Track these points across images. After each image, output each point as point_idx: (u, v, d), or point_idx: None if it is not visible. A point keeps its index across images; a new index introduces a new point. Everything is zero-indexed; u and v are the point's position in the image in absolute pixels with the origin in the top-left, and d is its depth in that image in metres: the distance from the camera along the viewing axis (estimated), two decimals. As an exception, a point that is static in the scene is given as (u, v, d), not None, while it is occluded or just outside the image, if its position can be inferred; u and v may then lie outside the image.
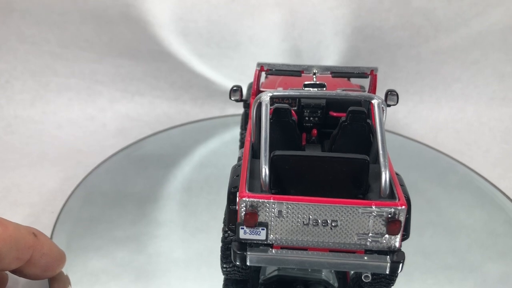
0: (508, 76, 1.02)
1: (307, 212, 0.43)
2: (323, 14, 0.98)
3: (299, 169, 0.44)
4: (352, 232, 0.44)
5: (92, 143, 0.92)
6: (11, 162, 0.85)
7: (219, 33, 1.00)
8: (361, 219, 0.43)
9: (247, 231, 0.44)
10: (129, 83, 1.04)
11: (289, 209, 0.43)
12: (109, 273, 0.57)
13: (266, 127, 0.45)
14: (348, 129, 0.52)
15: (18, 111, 0.98)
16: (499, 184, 0.74)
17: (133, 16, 0.96)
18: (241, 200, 0.42)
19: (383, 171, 0.44)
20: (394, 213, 0.42)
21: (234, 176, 0.47)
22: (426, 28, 0.99)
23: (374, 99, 0.48)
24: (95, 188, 0.73)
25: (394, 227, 0.43)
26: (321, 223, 0.43)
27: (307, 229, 0.44)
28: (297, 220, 0.43)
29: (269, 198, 0.42)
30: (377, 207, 0.42)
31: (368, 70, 0.58)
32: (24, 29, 0.97)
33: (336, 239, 0.44)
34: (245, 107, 0.66)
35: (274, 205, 0.43)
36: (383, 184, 0.44)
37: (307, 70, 0.57)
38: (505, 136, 0.96)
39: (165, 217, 0.67)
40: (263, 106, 0.46)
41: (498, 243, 0.63)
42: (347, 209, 0.43)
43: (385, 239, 0.44)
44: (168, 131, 0.92)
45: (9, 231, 0.43)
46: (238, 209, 0.43)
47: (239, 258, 0.44)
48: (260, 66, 0.56)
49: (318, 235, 0.44)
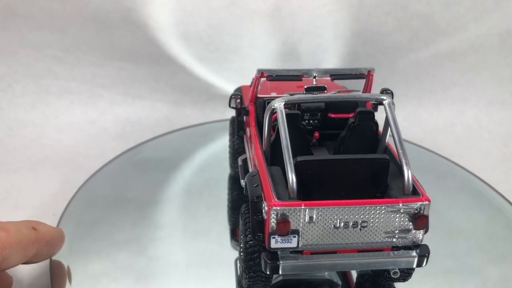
0: (506, 80, 1.03)
1: (338, 216, 0.43)
2: (323, 18, 0.98)
3: (321, 173, 0.45)
4: (381, 230, 0.45)
5: (93, 146, 0.92)
6: (12, 165, 0.85)
7: (219, 37, 1.01)
8: (389, 217, 0.44)
9: (279, 240, 0.43)
10: (129, 87, 1.05)
11: (320, 214, 0.43)
12: (109, 275, 0.57)
13: (286, 134, 0.45)
14: (356, 130, 0.53)
15: (19, 114, 0.98)
16: (498, 187, 0.74)
17: (133, 20, 0.97)
18: (271, 209, 0.42)
19: (405, 169, 0.45)
20: (420, 208, 0.44)
21: (252, 186, 0.47)
22: (425, 32, 0.99)
23: (385, 100, 0.49)
24: (96, 192, 0.73)
25: (421, 222, 0.44)
26: (351, 225, 0.44)
27: (337, 232, 0.44)
28: (328, 224, 0.44)
29: (299, 205, 0.42)
30: (405, 204, 0.43)
31: (366, 71, 0.59)
32: (25, 33, 0.97)
33: (365, 239, 0.45)
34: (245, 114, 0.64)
35: (305, 212, 0.43)
36: (406, 182, 0.45)
37: (307, 74, 0.57)
38: (504, 139, 0.97)
39: (165, 220, 0.68)
40: (279, 113, 0.47)
41: (498, 246, 0.63)
42: (377, 208, 0.43)
43: (411, 235, 0.45)
44: (168, 134, 0.93)
45: (12, 234, 0.43)
46: (268, 219, 0.43)
47: (271, 268, 0.44)
48: (261, 72, 0.56)
49: (347, 237, 0.44)
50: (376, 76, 1.04)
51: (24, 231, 0.45)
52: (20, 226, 0.45)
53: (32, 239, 0.45)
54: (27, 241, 0.45)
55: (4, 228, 0.43)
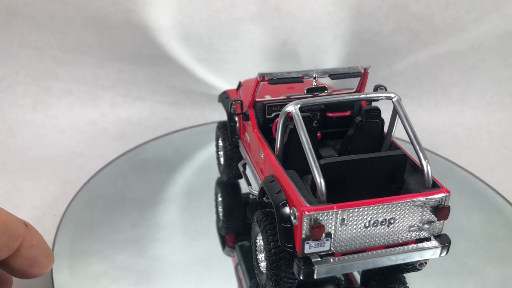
0: (505, 81, 1.03)
1: (368, 215, 0.44)
2: (322, 19, 0.99)
3: (344, 174, 0.45)
4: (407, 225, 0.46)
5: (93, 147, 0.92)
6: (13, 166, 0.86)
7: (220, 38, 1.01)
8: (414, 211, 0.45)
9: (312, 245, 0.44)
10: (130, 88, 1.05)
11: (351, 215, 0.44)
12: (109, 276, 0.57)
13: (306, 137, 0.46)
14: (364, 128, 0.53)
15: (20, 115, 0.99)
16: (497, 187, 0.75)
17: (134, 22, 0.97)
18: (305, 215, 0.42)
19: (425, 163, 0.46)
20: (442, 200, 0.46)
21: (274, 192, 0.47)
22: (424, 33, 0.99)
23: (394, 97, 0.50)
24: (96, 192, 0.73)
25: (444, 213, 0.46)
26: (380, 223, 0.45)
27: (367, 231, 0.45)
28: (359, 224, 0.44)
29: (332, 208, 0.43)
30: (429, 197, 0.45)
31: (362, 69, 0.59)
32: (26, 34, 0.98)
33: (392, 235, 0.46)
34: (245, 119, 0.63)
35: (337, 214, 0.43)
36: (426, 175, 0.46)
37: (307, 75, 0.57)
38: (503, 140, 0.97)
39: (166, 221, 0.68)
40: (296, 117, 0.47)
41: (498, 247, 0.63)
42: (404, 204, 0.45)
43: (433, 226, 0.47)
44: (169, 135, 0.93)
45: (1, 216, 0.42)
46: (300, 225, 0.43)
47: (306, 273, 0.44)
48: (262, 76, 0.55)
49: (376, 235, 0.45)
50: (375, 77, 1.04)
51: (14, 220, 0.44)
52: (13, 216, 0.45)
53: (20, 232, 0.44)
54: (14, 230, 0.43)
55: None
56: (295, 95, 0.62)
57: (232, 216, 0.68)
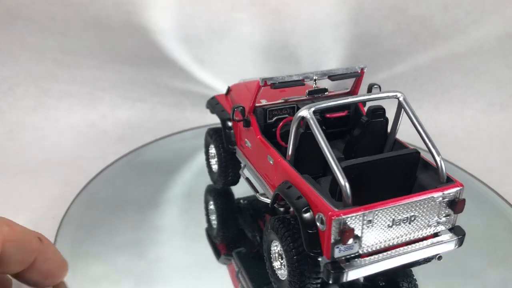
0: (505, 82, 1.03)
1: (392, 214, 0.45)
2: (322, 21, 0.99)
3: (363, 175, 0.46)
4: (426, 220, 0.47)
5: (93, 149, 0.92)
6: (13, 168, 0.86)
7: (219, 40, 1.01)
8: (433, 207, 0.47)
9: (342, 249, 0.44)
10: (130, 90, 1.05)
11: (376, 216, 0.44)
12: (109, 278, 0.57)
13: (325, 140, 0.46)
14: (370, 127, 0.54)
15: (20, 117, 0.99)
16: (498, 189, 0.75)
17: (134, 24, 0.97)
18: (334, 220, 0.42)
19: (438, 159, 0.48)
20: (458, 193, 0.47)
21: (293, 198, 0.47)
22: (424, 35, 1.00)
23: (399, 95, 0.51)
24: (96, 194, 0.73)
25: (460, 205, 0.48)
26: (403, 221, 0.46)
27: (390, 230, 0.46)
28: (384, 224, 0.45)
29: (359, 210, 0.43)
30: (447, 192, 0.47)
31: (359, 69, 0.60)
32: (26, 36, 0.98)
33: (413, 231, 0.47)
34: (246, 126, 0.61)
35: (365, 216, 0.44)
36: (441, 171, 0.48)
37: (307, 78, 0.57)
38: (504, 141, 0.97)
39: (166, 223, 0.68)
40: (311, 121, 0.47)
41: (498, 249, 0.63)
42: (424, 201, 0.46)
43: (449, 219, 0.49)
44: (168, 137, 0.93)
45: (16, 232, 0.43)
46: (329, 229, 0.43)
47: (336, 277, 0.44)
48: (264, 81, 0.55)
49: (399, 233, 0.46)
50: (375, 79, 1.04)
51: (29, 236, 0.45)
52: (27, 230, 0.45)
53: (34, 247, 0.45)
54: (29, 246, 0.44)
55: (9, 224, 0.43)
56: (293, 98, 0.62)
57: (227, 224, 0.67)
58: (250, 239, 0.64)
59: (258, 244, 0.62)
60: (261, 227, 0.66)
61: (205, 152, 0.75)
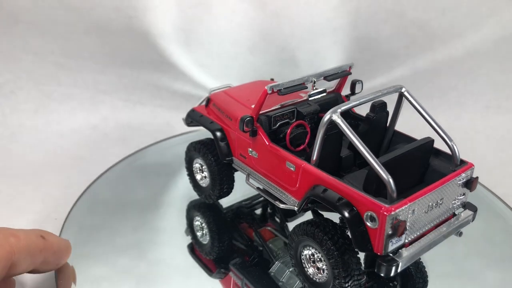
0: (502, 85, 1.04)
1: (429, 200, 0.48)
2: (321, 25, 0.99)
3: (395, 168, 0.48)
4: (449, 202, 0.51)
5: (95, 151, 0.93)
6: (15, 170, 0.86)
7: (219, 44, 1.02)
8: (455, 188, 0.50)
9: (394, 242, 0.46)
10: (131, 93, 1.06)
11: (417, 205, 0.47)
12: (110, 279, 0.58)
13: (358, 139, 0.47)
14: (374, 122, 0.56)
15: (22, 120, 0.99)
16: (495, 191, 0.75)
17: (135, 27, 0.98)
18: (388, 216, 0.44)
19: (451, 143, 0.52)
20: (471, 172, 0.52)
21: (335, 201, 0.47)
22: (421, 38, 1.00)
23: (402, 89, 0.55)
24: (98, 197, 0.74)
25: (475, 183, 0.52)
26: (434, 206, 0.49)
27: (425, 216, 0.48)
28: (422, 211, 0.47)
29: (406, 202, 0.45)
30: (465, 173, 0.51)
31: (348, 67, 0.62)
32: (28, 40, 0.98)
33: (441, 214, 0.51)
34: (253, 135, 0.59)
35: (410, 207, 0.46)
36: (456, 154, 0.52)
37: (307, 81, 0.58)
38: (501, 144, 0.97)
39: (166, 225, 0.68)
40: (341, 123, 0.48)
41: (496, 251, 0.63)
42: (449, 184, 0.49)
43: (464, 198, 0.53)
44: (169, 140, 0.94)
45: (22, 240, 0.44)
46: (383, 225, 0.44)
47: (389, 270, 0.46)
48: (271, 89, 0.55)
49: (431, 218, 0.49)
50: (373, 82, 1.05)
51: (33, 239, 0.46)
52: (30, 233, 0.46)
53: (40, 247, 0.46)
54: (36, 248, 0.46)
55: (14, 234, 0.44)
56: (291, 101, 0.63)
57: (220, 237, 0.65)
58: (243, 248, 0.63)
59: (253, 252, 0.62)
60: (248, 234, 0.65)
61: (187, 168, 0.71)
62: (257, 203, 0.72)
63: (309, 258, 0.53)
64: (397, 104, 0.57)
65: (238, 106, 0.64)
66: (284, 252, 0.61)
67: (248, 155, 0.61)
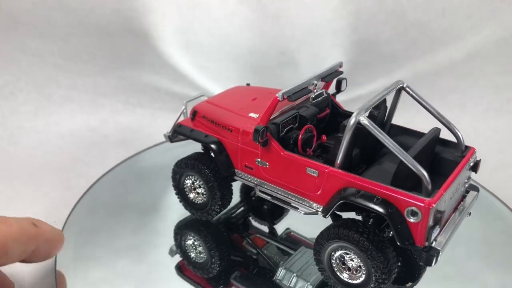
0: (502, 87, 1.04)
1: (454, 187, 0.51)
2: (321, 27, 1.00)
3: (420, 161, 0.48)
4: (462, 186, 0.54)
5: (94, 154, 0.93)
6: (14, 172, 0.86)
7: (219, 46, 1.02)
8: (464, 173, 0.54)
9: (435, 232, 0.48)
10: (131, 95, 1.06)
11: (448, 194, 0.49)
12: (110, 282, 0.58)
13: (388, 138, 0.49)
14: (378, 119, 0.58)
15: (21, 122, 0.99)
16: (496, 194, 0.75)
17: (135, 30, 0.98)
18: (432, 209, 0.46)
19: (456, 131, 0.55)
20: (476, 156, 0.56)
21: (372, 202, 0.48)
22: (422, 40, 1.00)
23: (403, 83, 0.57)
24: (98, 199, 0.74)
25: (479, 165, 0.56)
26: (455, 192, 0.52)
27: (450, 202, 0.51)
28: (447, 199, 0.50)
29: (442, 193, 0.48)
30: (472, 157, 0.54)
31: (338, 67, 0.64)
32: (28, 42, 0.99)
33: (457, 198, 0.54)
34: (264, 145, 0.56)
35: (444, 197, 0.48)
36: (462, 141, 0.55)
37: (309, 84, 0.58)
38: (501, 146, 0.97)
39: (166, 227, 0.68)
40: (368, 123, 0.49)
41: (496, 252, 0.63)
42: (465, 168, 0.53)
43: (469, 180, 0.56)
44: (169, 142, 0.94)
45: (13, 227, 0.44)
46: (425, 218, 0.46)
47: (431, 259, 0.48)
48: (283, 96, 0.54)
49: (452, 202, 0.52)
50: (374, 84, 1.05)
51: (25, 226, 0.45)
52: (21, 221, 0.46)
53: (32, 235, 0.46)
54: (27, 236, 0.45)
55: (5, 222, 0.44)
56: (289, 106, 0.62)
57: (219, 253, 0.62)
58: (240, 260, 0.62)
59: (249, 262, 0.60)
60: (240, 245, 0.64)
61: (175, 187, 0.67)
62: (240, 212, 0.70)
63: (338, 261, 0.54)
64: (394, 98, 0.60)
65: (233, 116, 0.62)
66: (281, 257, 0.61)
67: (256, 165, 0.59)
